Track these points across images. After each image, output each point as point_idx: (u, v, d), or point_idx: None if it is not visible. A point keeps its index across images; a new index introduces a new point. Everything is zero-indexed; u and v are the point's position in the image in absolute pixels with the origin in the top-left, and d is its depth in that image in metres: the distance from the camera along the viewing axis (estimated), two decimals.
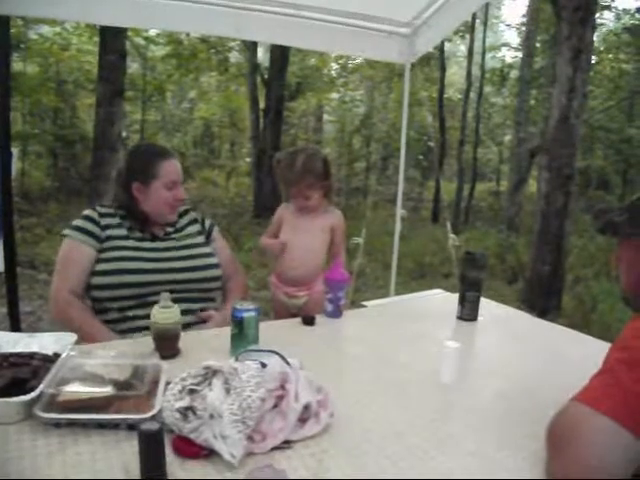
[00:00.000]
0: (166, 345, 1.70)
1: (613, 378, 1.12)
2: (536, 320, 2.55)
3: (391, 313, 2.52)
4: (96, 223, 2.19)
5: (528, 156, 11.45)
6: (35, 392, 1.29)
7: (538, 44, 13.76)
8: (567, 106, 6.50)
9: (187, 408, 1.22)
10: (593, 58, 10.62)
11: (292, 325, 2.18)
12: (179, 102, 19.63)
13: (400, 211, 3.97)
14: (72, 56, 13.56)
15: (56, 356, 1.50)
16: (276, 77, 12.25)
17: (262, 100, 13.28)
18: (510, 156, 14.32)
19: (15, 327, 3.22)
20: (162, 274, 2.17)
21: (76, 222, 2.20)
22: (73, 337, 1.62)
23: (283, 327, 2.21)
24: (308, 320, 2.16)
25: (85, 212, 2.24)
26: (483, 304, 2.36)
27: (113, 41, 7.50)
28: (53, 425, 1.27)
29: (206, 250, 2.37)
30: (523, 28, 13.99)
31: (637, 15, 13.05)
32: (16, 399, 1.27)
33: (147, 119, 16.33)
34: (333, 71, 17.62)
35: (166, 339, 1.70)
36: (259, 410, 1.22)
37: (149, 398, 1.33)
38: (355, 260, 4.13)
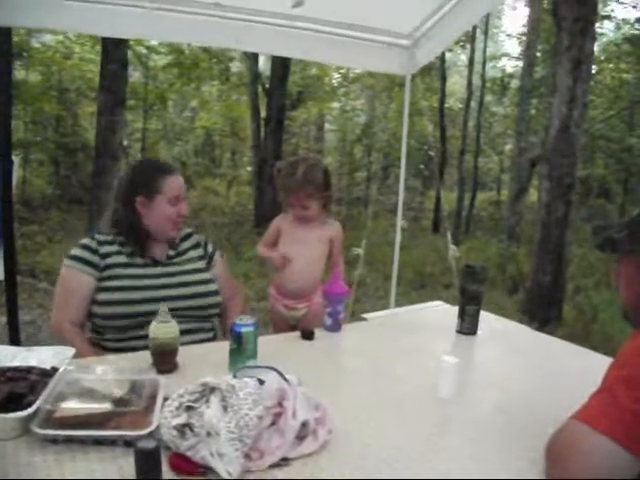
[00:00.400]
0: (164, 360, 1.70)
1: (612, 397, 1.12)
2: (536, 334, 2.55)
3: (390, 326, 2.51)
4: (94, 252, 2.16)
5: (529, 165, 11.44)
6: (32, 408, 1.28)
7: (539, 54, 13.78)
8: (567, 116, 6.51)
9: (184, 425, 1.22)
10: (593, 68, 10.66)
11: (291, 339, 2.18)
12: (180, 111, 19.64)
13: (400, 222, 3.96)
14: (74, 64, 13.62)
15: (54, 370, 1.50)
16: (277, 86, 12.28)
17: (263, 109, 13.30)
18: (511, 165, 14.32)
19: (14, 337, 3.21)
20: (163, 302, 2.13)
21: (74, 251, 2.17)
22: (71, 351, 1.62)
23: (282, 341, 2.20)
24: (307, 334, 2.15)
25: (83, 241, 2.21)
26: (483, 317, 2.35)
27: (115, 50, 7.52)
28: (50, 441, 1.27)
29: (206, 276, 2.34)
30: (524, 38, 14.01)
31: (637, 25, 13.10)
32: (13, 415, 1.26)
33: (148, 128, 16.36)
34: (334, 80, 17.69)
35: (164, 354, 1.70)
36: (256, 428, 1.22)
37: (146, 414, 1.32)
38: (355, 271, 4.12)
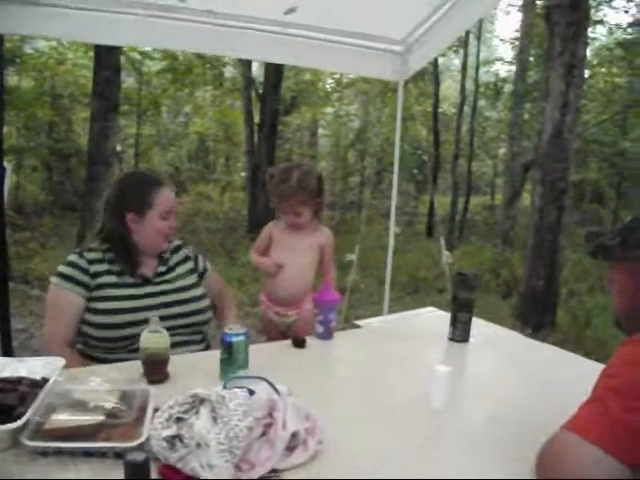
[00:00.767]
0: (155, 370, 1.69)
1: (602, 406, 1.12)
2: (529, 340, 2.55)
3: (382, 334, 2.51)
4: (84, 271, 2.12)
5: (522, 170, 11.48)
6: (22, 420, 1.27)
7: (532, 58, 13.83)
8: (560, 121, 6.53)
9: (174, 437, 1.22)
10: (586, 72, 10.68)
11: (282, 348, 2.17)
12: (174, 116, 19.62)
13: (393, 227, 3.96)
14: (67, 70, 13.59)
15: (44, 381, 1.49)
16: (271, 92, 12.28)
17: (257, 114, 13.31)
18: (504, 170, 14.35)
19: (6, 345, 3.19)
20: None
21: (62, 269, 2.13)
22: (61, 361, 1.61)
23: (273, 350, 2.20)
24: (299, 342, 2.15)
25: (71, 258, 2.16)
26: (475, 324, 2.35)
27: (107, 56, 7.50)
28: (40, 453, 1.26)
29: (198, 293, 2.31)
30: (517, 43, 14.04)
31: (629, 30, 13.15)
32: (2, 427, 1.26)
33: (142, 133, 16.33)
34: (328, 85, 17.69)
35: (155, 364, 1.69)
36: (246, 439, 1.21)
37: (137, 425, 1.32)
38: (349, 277, 4.12)
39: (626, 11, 13.21)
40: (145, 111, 15.76)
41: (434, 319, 2.76)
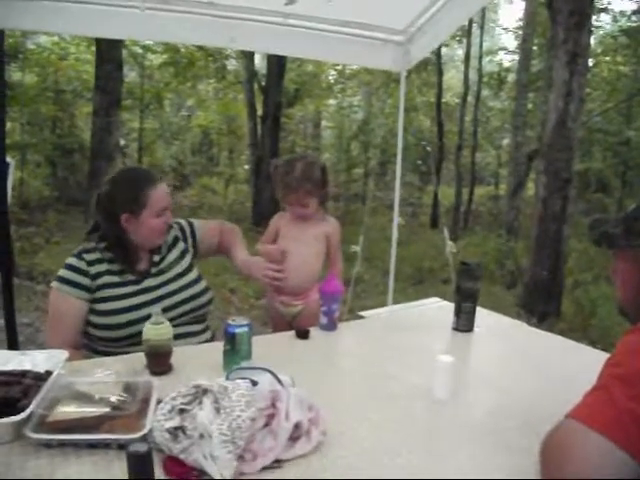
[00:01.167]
0: (158, 361, 1.70)
1: (607, 394, 1.10)
2: (533, 330, 2.54)
3: (386, 325, 2.52)
4: (84, 273, 2.10)
5: (526, 160, 11.44)
6: (25, 412, 1.28)
7: (535, 47, 13.76)
8: (564, 110, 6.50)
9: (177, 428, 1.22)
10: (590, 61, 10.63)
11: (286, 339, 2.17)
12: (177, 110, 19.62)
13: (397, 219, 3.95)
14: (70, 65, 13.59)
15: (48, 374, 1.49)
16: (273, 84, 12.26)
17: (260, 107, 13.29)
18: (509, 160, 14.30)
19: (12, 339, 3.20)
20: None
21: (62, 273, 2.11)
22: (64, 354, 1.61)
23: (277, 341, 2.20)
24: (302, 334, 2.15)
25: (70, 261, 2.14)
26: (479, 314, 2.34)
27: (109, 51, 7.53)
28: (44, 445, 1.26)
29: (193, 276, 2.32)
30: (520, 32, 13.98)
31: (633, 17, 13.05)
32: (6, 420, 1.26)
33: (145, 127, 16.32)
34: (331, 77, 17.62)
35: (158, 355, 1.70)
36: (249, 430, 1.21)
37: (140, 417, 1.32)
38: (353, 268, 4.11)
39: None
40: (148, 105, 15.74)
41: (438, 309, 2.76)
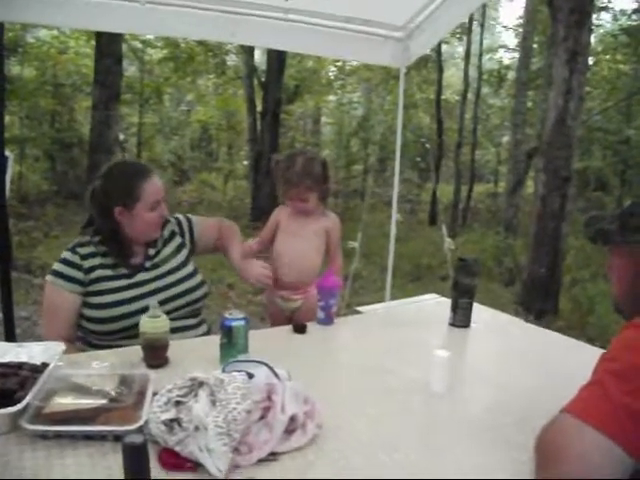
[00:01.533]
0: (154, 354, 1.70)
1: (602, 389, 1.10)
2: (530, 326, 2.55)
3: (383, 320, 2.52)
4: (78, 267, 2.10)
5: (525, 158, 11.44)
6: (21, 404, 1.28)
7: (535, 45, 13.75)
8: (564, 108, 6.50)
9: (173, 420, 1.22)
10: (590, 59, 10.61)
11: (283, 333, 2.18)
12: (177, 105, 19.60)
13: (395, 215, 3.95)
14: (69, 59, 13.56)
15: (44, 366, 1.49)
16: (273, 80, 12.23)
17: (259, 103, 13.27)
18: (508, 158, 14.29)
19: (10, 332, 3.20)
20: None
21: (56, 267, 2.12)
22: (61, 346, 1.62)
23: (274, 335, 2.20)
24: (299, 328, 2.15)
25: (64, 255, 2.14)
26: (476, 310, 2.35)
27: (109, 45, 7.52)
28: (40, 437, 1.27)
29: (189, 270, 2.31)
30: (520, 29, 13.97)
31: (634, 16, 13.03)
32: (2, 411, 1.27)
33: (145, 122, 16.30)
34: (330, 73, 17.61)
35: (155, 348, 1.70)
36: (245, 422, 1.22)
37: (136, 409, 1.32)
38: (352, 264, 4.11)
39: None
40: (147, 100, 15.72)
41: (435, 305, 2.76)
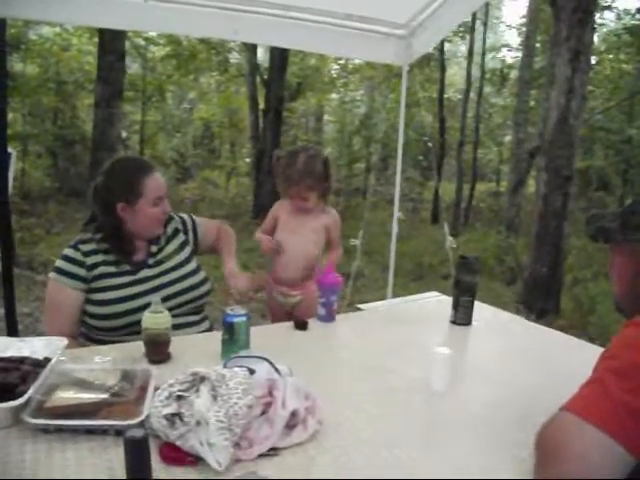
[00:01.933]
0: (156, 350, 1.70)
1: (602, 387, 1.10)
2: (531, 325, 2.54)
3: (385, 317, 2.52)
4: (80, 264, 2.10)
5: (527, 157, 11.43)
6: (23, 398, 1.29)
7: (538, 44, 13.73)
8: (566, 107, 6.49)
9: (174, 414, 1.22)
10: (593, 58, 10.60)
11: (284, 330, 2.18)
12: (179, 103, 19.62)
13: (397, 214, 3.95)
14: (72, 56, 13.59)
15: (46, 360, 1.50)
16: (276, 77, 12.23)
17: (262, 100, 13.27)
18: (510, 157, 14.27)
19: (12, 329, 3.21)
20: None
21: (59, 264, 2.12)
22: (63, 341, 1.62)
23: (275, 332, 2.20)
24: (300, 325, 2.15)
25: (66, 252, 2.14)
26: (478, 308, 2.34)
27: (112, 42, 7.51)
28: (41, 431, 1.27)
29: (193, 267, 2.31)
30: (523, 29, 13.95)
31: (637, 15, 13.00)
32: (4, 405, 1.27)
33: (147, 120, 16.32)
34: (333, 71, 17.61)
35: (157, 344, 1.70)
36: (246, 417, 1.22)
37: (137, 404, 1.33)
38: (353, 262, 4.11)
39: None
40: (150, 97, 15.74)
41: (437, 303, 2.76)
